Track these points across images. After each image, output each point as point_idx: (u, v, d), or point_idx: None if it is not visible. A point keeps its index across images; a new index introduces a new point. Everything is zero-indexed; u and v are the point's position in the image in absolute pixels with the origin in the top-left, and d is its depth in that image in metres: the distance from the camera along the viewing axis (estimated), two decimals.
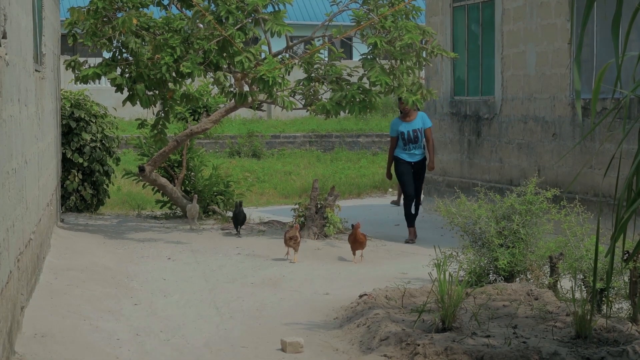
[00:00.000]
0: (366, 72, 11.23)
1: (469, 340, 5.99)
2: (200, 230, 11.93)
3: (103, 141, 13.58)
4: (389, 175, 12.01)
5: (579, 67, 3.74)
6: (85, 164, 13.34)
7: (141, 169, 12.34)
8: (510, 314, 6.73)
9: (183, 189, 13.06)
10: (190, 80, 11.41)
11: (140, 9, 11.60)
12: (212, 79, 11.76)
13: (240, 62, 11.00)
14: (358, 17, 11.59)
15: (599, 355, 5.64)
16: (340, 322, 7.05)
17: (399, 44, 11.08)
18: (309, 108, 11.56)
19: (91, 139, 13.38)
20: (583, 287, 7.24)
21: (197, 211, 12.03)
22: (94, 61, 12.25)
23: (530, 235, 8.00)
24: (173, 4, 11.94)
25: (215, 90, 12.77)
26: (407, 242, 11.48)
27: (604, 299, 7.01)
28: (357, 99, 11.20)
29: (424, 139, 11.81)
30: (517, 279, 8.01)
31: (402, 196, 12.43)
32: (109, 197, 14.06)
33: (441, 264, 6.47)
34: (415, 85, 11.43)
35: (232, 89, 11.63)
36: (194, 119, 13.81)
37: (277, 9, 11.33)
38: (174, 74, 11.18)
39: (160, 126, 12.15)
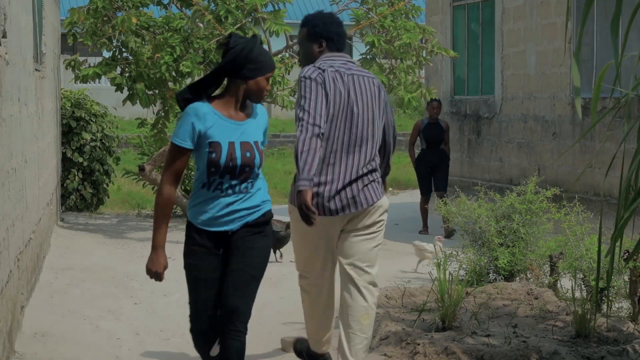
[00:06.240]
0: None
1: (469, 340, 5.99)
2: None
3: (103, 140, 13.58)
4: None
5: (578, 62, 3.73)
6: (85, 163, 13.34)
7: (141, 168, 12.33)
8: (510, 313, 6.72)
9: (183, 188, 13.05)
10: (190, 79, 11.41)
11: (140, 8, 11.61)
12: None
13: None
14: (357, 16, 11.59)
15: (599, 354, 5.64)
16: None
17: (397, 43, 11.07)
18: None
19: (91, 138, 13.38)
20: (583, 286, 7.23)
21: None
22: (93, 60, 12.26)
23: (530, 234, 7.99)
24: (173, 3, 11.94)
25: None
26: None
27: (604, 298, 7.01)
28: None
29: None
30: (517, 278, 8.01)
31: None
32: (109, 197, 14.06)
33: (441, 263, 6.47)
34: (414, 84, 11.43)
35: None
36: None
37: (276, 8, 11.32)
38: (173, 73, 11.17)
39: (160, 125, 12.15)
